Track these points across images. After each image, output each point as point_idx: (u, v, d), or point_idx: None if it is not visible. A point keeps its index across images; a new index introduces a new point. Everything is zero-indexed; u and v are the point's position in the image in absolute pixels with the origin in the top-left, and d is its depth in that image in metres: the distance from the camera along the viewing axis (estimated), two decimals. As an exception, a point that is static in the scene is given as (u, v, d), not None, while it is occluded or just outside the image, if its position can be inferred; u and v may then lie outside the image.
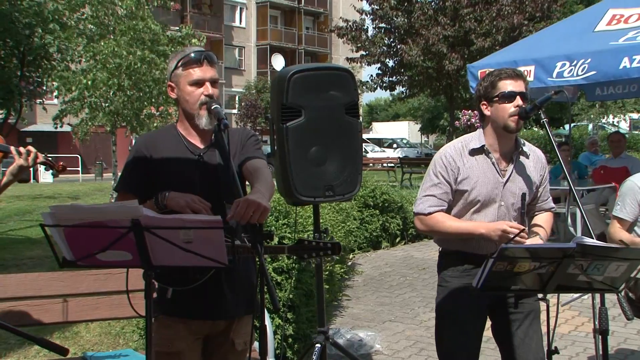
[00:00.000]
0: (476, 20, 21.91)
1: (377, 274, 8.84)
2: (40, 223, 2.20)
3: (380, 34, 24.47)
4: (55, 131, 24.90)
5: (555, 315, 2.88)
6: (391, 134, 49.28)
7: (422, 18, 22.46)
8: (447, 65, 22.02)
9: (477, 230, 3.15)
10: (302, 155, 3.80)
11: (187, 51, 2.86)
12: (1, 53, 9.87)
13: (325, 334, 4.07)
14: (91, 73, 17.71)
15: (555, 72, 7.26)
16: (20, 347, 5.56)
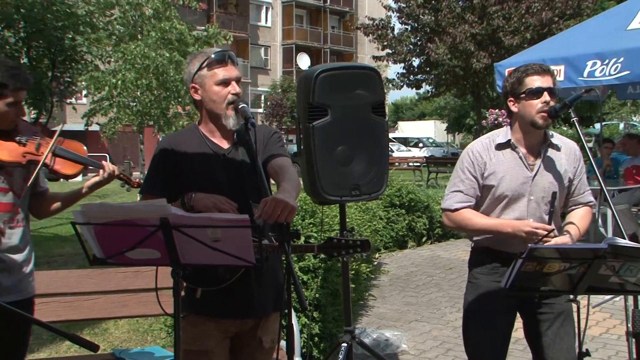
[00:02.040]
0: (504, 17, 21.71)
1: (403, 274, 8.80)
2: (71, 221, 2.22)
3: (407, 32, 24.38)
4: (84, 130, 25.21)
5: (585, 317, 2.83)
6: (417, 133, 49.07)
7: (449, 16, 22.32)
8: (474, 63, 21.86)
9: (504, 228, 3.13)
10: (328, 155, 3.80)
11: (209, 52, 2.87)
12: (33, 54, 10.01)
13: (352, 333, 4.07)
14: (120, 73, 17.95)
15: (586, 71, 7.13)
16: (52, 343, 5.64)
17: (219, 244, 2.19)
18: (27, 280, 3.11)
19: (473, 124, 41.41)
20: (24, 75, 2.95)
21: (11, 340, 3.03)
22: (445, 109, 51.82)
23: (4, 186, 2.96)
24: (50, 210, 3.24)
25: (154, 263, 2.44)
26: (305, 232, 5.33)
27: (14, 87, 2.86)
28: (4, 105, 2.86)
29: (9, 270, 2.97)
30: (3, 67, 2.85)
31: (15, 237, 3.01)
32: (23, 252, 3.06)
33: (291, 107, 41.75)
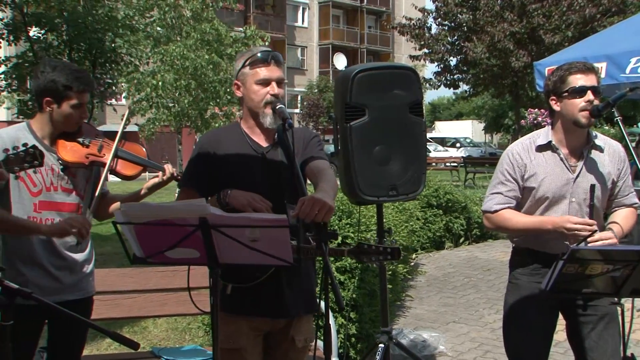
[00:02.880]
0: (545, 15, 21.34)
1: (441, 275, 8.74)
2: (112, 220, 2.25)
3: (444, 32, 24.18)
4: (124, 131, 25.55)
5: (630, 321, 2.77)
6: (454, 133, 48.66)
7: (487, 14, 22.05)
8: (513, 62, 21.55)
9: (544, 226, 3.08)
10: (365, 155, 3.79)
11: (255, 50, 2.89)
12: (75, 56, 10.20)
13: (389, 334, 4.05)
14: (159, 74, 18.18)
15: (629, 68, 6.96)
16: (93, 340, 5.73)
17: (257, 243, 2.20)
18: (88, 279, 3.18)
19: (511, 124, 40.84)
20: (87, 78, 3.04)
21: (70, 338, 3.15)
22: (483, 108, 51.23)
23: (68, 187, 3.04)
24: (110, 211, 3.31)
25: (193, 262, 2.47)
26: (342, 233, 5.32)
27: (78, 89, 2.93)
28: (69, 107, 2.94)
29: (70, 269, 3.05)
30: (67, 70, 2.93)
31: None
32: (84, 252, 3.15)
33: (327, 108, 41.76)
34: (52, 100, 2.93)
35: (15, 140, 2.92)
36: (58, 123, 2.99)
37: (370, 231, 5.61)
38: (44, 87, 2.92)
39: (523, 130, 22.64)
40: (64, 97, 2.92)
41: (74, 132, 3.06)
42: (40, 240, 2.97)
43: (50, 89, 2.91)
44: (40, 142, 2.99)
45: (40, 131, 3.01)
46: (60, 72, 2.91)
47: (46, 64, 2.97)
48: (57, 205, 2.99)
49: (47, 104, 2.94)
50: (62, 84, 2.90)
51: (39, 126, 3.01)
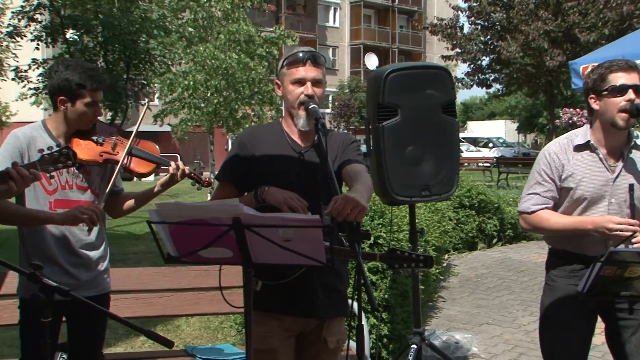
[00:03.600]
0: (580, 13, 21.02)
1: (474, 276, 8.66)
2: (147, 220, 2.27)
3: (477, 31, 23.98)
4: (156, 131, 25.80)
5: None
6: (487, 133, 48.16)
7: (521, 13, 21.81)
8: (547, 61, 21.29)
9: (584, 225, 3.02)
10: (398, 155, 3.77)
11: (294, 50, 2.90)
12: (110, 58, 10.34)
13: (421, 334, 4.03)
14: (190, 75, 18.34)
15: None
16: (128, 338, 5.80)
17: (290, 243, 2.20)
18: (103, 276, 3.22)
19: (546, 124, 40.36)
20: (100, 76, 3.06)
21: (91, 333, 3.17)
22: (517, 108, 50.71)
23: (82, 185, 3.07)
24: (124, 209, 3.35)
25: (226, 262, 2.48)
26: (374, 233, 5.31)
27: (91, 87, 2.97)
28: (83, 105, 2.97)
29: (86, 266, 3.09)
30: (80, 68, 2.97)
31: (92, 234, 3.13)
32: (99, 249, 3.18)
33: (359, 108, 41.70)
34: (66, 99, 2.97)
35: (31, 139, 2.98)
36: (72, 121, 3.02)
37: (402, 231, 5.59)
38: (57, 86, 2.96)
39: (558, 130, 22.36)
40: (78, 95, 2.96)
41: (88, 130, 3.09)
42: (56, 239, 3.02)
43: (64, 88, 2.95)
44: (55, 140, 3.04)
45: (56, 130, 3.05)
46: (73, 71, 2.95)
47: (59, 64, 3.01)
48: (72, 203, 3.01)
49: (62, 103, 2.98)
50: (75, 82, 2.94)
51: (54, 125, 3.06)
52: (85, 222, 2.91)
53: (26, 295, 3.02)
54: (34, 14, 10.37)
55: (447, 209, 9.57)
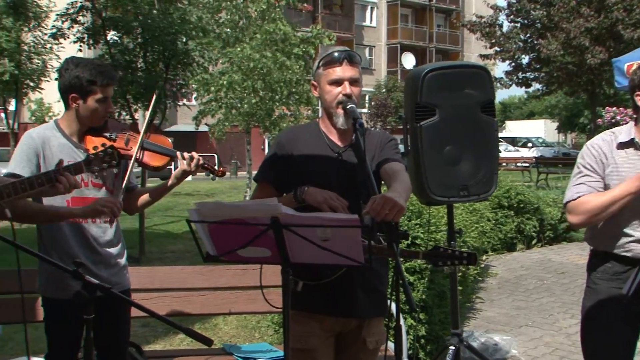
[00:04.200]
0: (625, 9, 20.56)
1: (512, 277, 8.56)
2: (187, 219, 2.30)
3: (516, 29, 23.66)
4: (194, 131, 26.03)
5: None
6: (526, 133, 47.53)
7: (562, 10, 21.44)
8: (589, 59, 20.89)
9: (631, 187, 2.87)
10: (436, 155, 3.75)
11: (330, 50, 2.90)
12: (149, 59, 10.47)
13: (459, 336, 3.99)
14: (227, 75, 18.48)
15: None
16: (166, 335, 5.88)
17: (328, 243, 2.20)
18: (122, 273, 3.26)
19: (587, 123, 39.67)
20: (110, 72, 3.11)
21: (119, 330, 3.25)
22: (557, 107, 49.92)
23: (97, 182, 3.12)
24: (139, 205, 3.39)
25: (264, 261, 2.49)
26: (412, 233, 5.28)
27: (102, 83, 3.01)
28: (94, 102, 3.02)
29: (104, 263, 3.13)
30: (90, 65, 3.02)
31: (109, 231, 3.17)
32: (117, 247, 3.22)
33: (395, 107, 41.53)
34: (77, 96, 3.01)
35: (45, 139, 3.02)
36: (85, 118, 3.07)
37: (440, 232, 5.55)
38: (69, 84, 3.00)
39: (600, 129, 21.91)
40: (89, 92, 3.00)
41: (100, 127, 3.12)
42: (75, 236, 3.05)
43: (75, 85, 2.99)
44: (68, 139, 3.08)
45: (68, 129, 3.10)
46: (83, 68, 2.99)
47: (69, 62, 3.06)
48: (88, 201, 3.05)
49: (73, 100, 3.02)
50: (86, 79, 2.98)
51: (67, 124, 3.10)
52: (107, 214, 2.96)
53: (47, 294, 3.07)
54: (76, 16, 10.54)
55: (485, 210, 9.48)
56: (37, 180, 2.55)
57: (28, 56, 17.07)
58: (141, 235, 10.23)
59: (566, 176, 20.14)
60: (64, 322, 3.06)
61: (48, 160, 2.99)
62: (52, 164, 2.95)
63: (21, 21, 16.58)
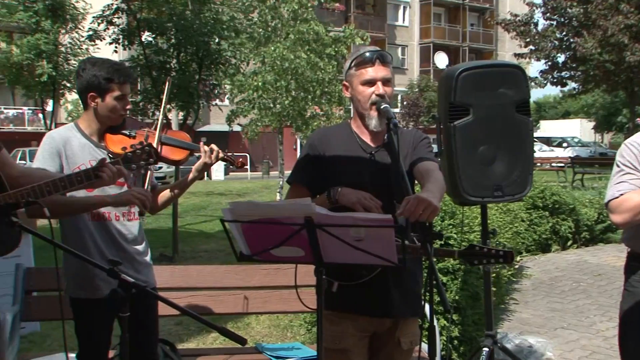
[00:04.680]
0: (667, 5, 20.11)
1: (547, 278, 8.44)
2: (221, 218, 2.31)
3: (552, 27, 23.32)
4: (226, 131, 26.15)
5: None
6: (560, 133, 46.87)
7: (600, 7, 21.05)
8: (627, 57, 20.49)
9: None
10: (470, 155, 3.73)
11: (362, 51, 2.88)
12: (182, 59, 10.56)
13: (493, 337, 3.96)
14: (260, 75, 18.57)
15: None
16: (199, 334, 5.92)
17: (362, 243, 2.20)
18: (147, 270, 3.29)
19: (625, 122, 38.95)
20: (127, 70, 3.17)
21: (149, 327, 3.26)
22: (593, 106, 49.14)
23: (119, 180, 3.14)
24: (160, 203, 3.41)
25: (297, 261, 2.49)
26: (445, 234, 5.25)
27: (119, 80, 3.06)
28: (112, 99, 3.07)
29: (130, 260, 3.16)
30: (107, 64, 3.07)
31: (133, 229, 3.21)
32: (141, 244, 3.25)
33: (428, 107, 41.32)
34: (96, 95, 3.06)
35: (66, 139, 3.06)
36: (104, 117, 3.11)
37: (473, 232, 5.49)
38: (87, 83, 3.05)
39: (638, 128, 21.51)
40: (107, 90, 3.04)
41: (119, 125, 3.16)
42: (100, 234, 3.08)
43: (93, 84, 3.04)
44: (88, 139, 3.12)
45: (88, 129, 3.14)
46: (100, 67, 3.04)
47: (86, 62, 3.12)
48: None
49: (92, 99, 3.07)
50: (103, 77, 3.03)
51: (86, 124, 3.15)
52: (137, 204, 3.00)
53: (75, 294, 3.10)
54: (112, 18, 10.70)
55: (519, 210, 9.37)
56: (76, 177, 2.59)
57: (65, 57, 17.41)
58: (174, 235, 10.33)
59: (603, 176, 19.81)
60: (93, 321, 3.11)
61: (70, 160, 3.04)
62: (74, 163, 3.01)
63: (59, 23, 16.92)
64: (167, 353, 4.10)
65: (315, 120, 20.16)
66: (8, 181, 2.38)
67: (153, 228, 13.17)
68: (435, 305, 3.28)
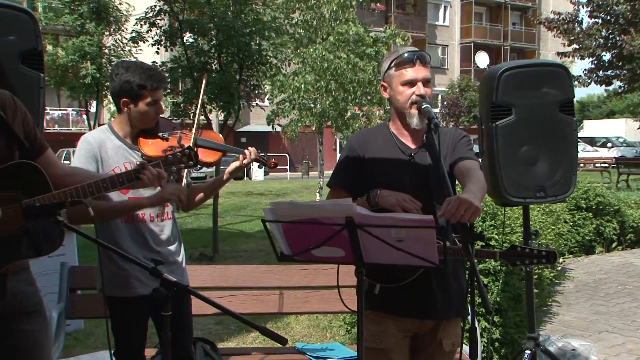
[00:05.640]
0: None
1: (591, 281, 8.29)
2: (262, 218, 2.32)
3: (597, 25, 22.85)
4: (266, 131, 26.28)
5: None
6: (605, 133, 45.91)
7: (650, 3, 20.54)
8: (676, 55, 19.95)
9: None
10: (512, 155, 3.71)
11: (401, 51, 2.87)
12: (224, 60, 10.65)
13: (536, 340, 3.91)
14: (300, 76, 18.63)
15: None
16: (239, 333, 5.97)
17: (403, 243, 2.19)
18: (180, 270, 3.31)
19: (673, 122, 38.03)
20: (159, 75, 3.16)
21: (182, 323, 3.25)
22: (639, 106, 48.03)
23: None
24: (195, 201, 3.44)
25: (338, 261, 2.49)
26: (486, 235, 5.19)
27: (152, 87, 3.07)
28: (145, 105, 3.09)
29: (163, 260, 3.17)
30: (140, 69, 3.08)
31: (167, 229, 3.24)
32: (174, 244, 3.28)
33: (468, 107, 40.92)
34: (128, 101, 3.08)
35: (101, 142, 3.10)
36: (136, 121, 3.13)
37: (515, 233, 5.43)
38: (119, 88, 3.07)
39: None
40: (139, 96, 3.06)
41: (152, 128, 3.18)
42: (132, 236, 3.12)
43: (126, 90, 3.06)
44: (122, 141, 3.15)
45: (122, 131, 3.17)
46: (133, 73, 3.05)
47: (119, 66, 3.13)
48: None
49: (125, 105, 3.09)
50: (136, 83, 3.04)
51: (120, 127, 3.18)
52: (174, 200, 3.05)
53: (111, 293, 3.13)
54: (155, 20, 10.84)
55: (562, 211, 9.21)
56: (118, 179, 2.63)
57: (108, 59, 17.72)
58: (215, 234, 10.42)
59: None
60: (128, 319, 3.15)
61: (105, 163, 3.08)
62: (109, 166, 3.06)
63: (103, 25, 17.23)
64: (208, 352, 4.14)
65: (355, 120, 20.15)
66: (53, 180, 2.43)
67: (193, 228, 13.32)
68: (477, 306, 3.25)
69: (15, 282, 2.50)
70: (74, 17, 16.88)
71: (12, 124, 2.43)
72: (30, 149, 2.48)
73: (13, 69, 2.92)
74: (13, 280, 2.49)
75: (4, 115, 2.40)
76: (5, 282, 2.46)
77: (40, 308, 2.62)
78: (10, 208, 2.34)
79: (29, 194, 2.36)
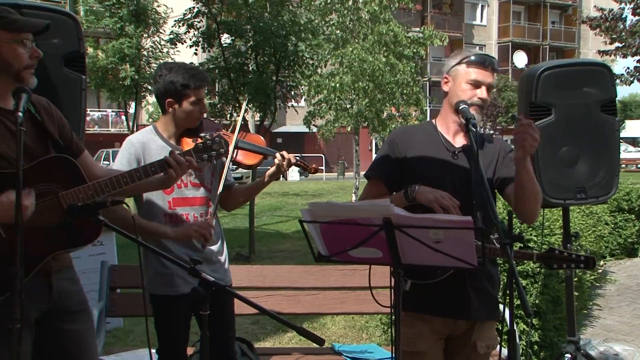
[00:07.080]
0: None
1: (634, 284, 8.12)
2: (299, 219, 2.33)
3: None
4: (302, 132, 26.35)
5: None
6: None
7: (697, 0, 20.05)
8: None
9: None
10: (551, 156, 3.65)
11: (474, 52, 2.91)
12: (260, 60, 10.71)
13: (576, 344, 3.84)
14: (337, 76, 18.64)
15: None
16: (276, 333, 6.00)
17: (441, 245, 2.17)
18: (223, 269, 3.33)
19: None
20: (202, 74, 3.20)
21: (227, 325, 3.31)
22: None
23: (196, 181, 3.22)
24: (238, 202, 3.47)
25: (375, 262, 2.49)
26: (525, 236, 5.12)
27: (195, 86, 3.11)
28: (189, 104, 3.13)
29: (206, 260, 3.19)
30: (182, 69, 3.12)
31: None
32: (217, 244, 3.31)
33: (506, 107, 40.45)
34: (173, 101, 3.12)
35: (144, 144, 3.14)
36: (181, 120, 3.17)
37: (554, 235, 5.34)
38: (164, 89, 3.11)
39: None
40: (183, 95, 3.10)
41: (196, 128, 3.21)
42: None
43: (170, 90, 3.10)
44: (166, 142, 3.19)
45: (166, 132, 3.21)
46: (176, 73, 3.09)
47: (163, 68, 3.17)
48: (189, 201, 3.18)
49: (169, 105, 3.13)
50: (180, 83, 3.08)
51: (164, 127, 3.22)
52: (198, 239, 3.09)
53: (155, 290, 3.17)
54: (193, 21, 10.97)
55: (603, 213, 9.05)
56: (151, 168, 2.66)
57: (147, 61, 17.98)
58: (251, 234, 10.48)
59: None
60: (172, 318, 3.19)
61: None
62: None
63: (142, 28, 17.48)
64: (245, 351, 4.16)
65: (392, 121, 20.10)
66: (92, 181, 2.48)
67: (230, 228, 13.42)
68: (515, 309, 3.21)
69: (60, 280, 2.55)
70: (114, 19, 17.17)
71: (46, 125, 2.49)
72: (66, 151, 2.52)
73: (57, 72, 2.98)
74: (58, 279, 2.54)
75: (38, 117, 2.46)
76: (50, 280, 2.51)
77: (85, 307, 2.67)
78: (47, 200, 2.39)
79: (65, 187, 2.41)
